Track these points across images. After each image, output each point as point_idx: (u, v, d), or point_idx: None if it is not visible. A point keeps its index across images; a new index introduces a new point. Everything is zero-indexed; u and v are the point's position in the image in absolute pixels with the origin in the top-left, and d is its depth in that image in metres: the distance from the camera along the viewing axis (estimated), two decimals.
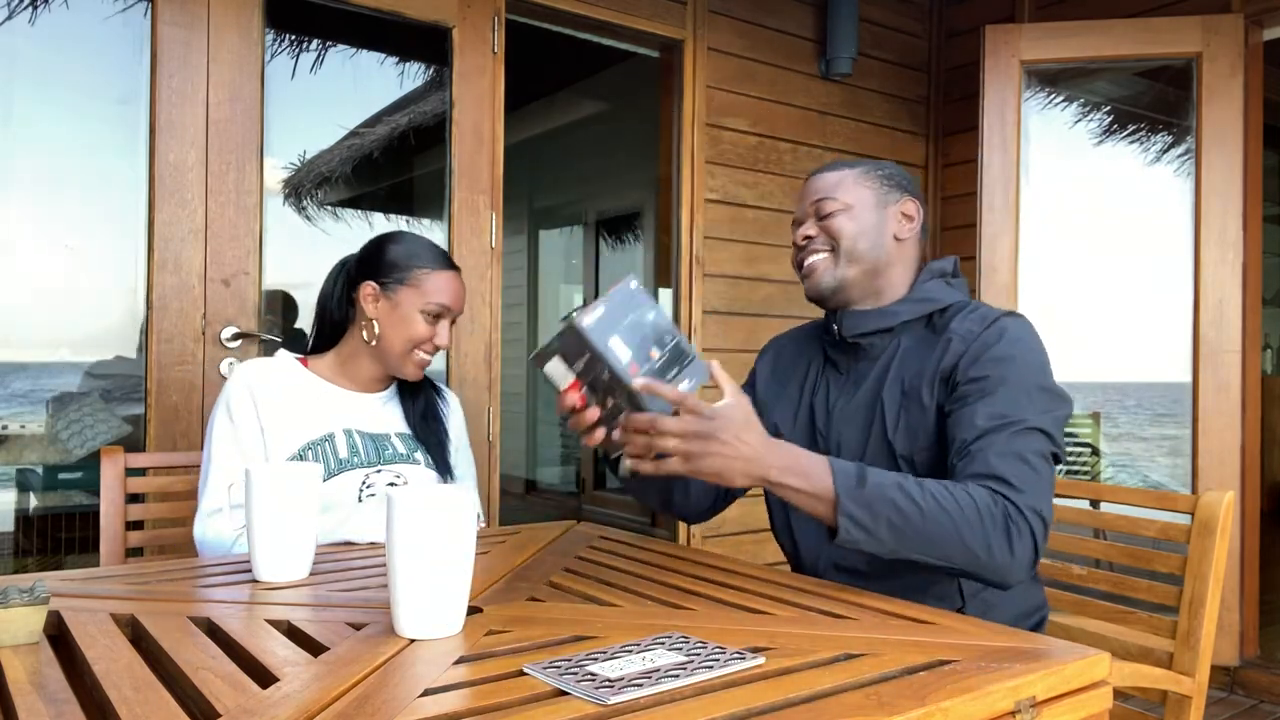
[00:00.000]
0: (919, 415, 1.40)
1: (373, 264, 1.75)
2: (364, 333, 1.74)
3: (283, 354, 1.78)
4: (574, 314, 1.23)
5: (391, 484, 1.70)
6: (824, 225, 1.48)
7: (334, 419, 1.72)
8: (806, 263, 1.50)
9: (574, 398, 1.23)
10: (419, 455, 1.76)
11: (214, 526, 1.61)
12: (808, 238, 1.50)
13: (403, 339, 1.71)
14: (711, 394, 1.19)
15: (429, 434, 1.79)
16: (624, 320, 1.21)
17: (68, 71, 2.75)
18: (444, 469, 1.78)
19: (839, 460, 1.25)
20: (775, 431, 1.59)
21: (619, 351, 1.19)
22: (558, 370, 1.22)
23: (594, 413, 1.23)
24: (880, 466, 1.40)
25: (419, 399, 1.83)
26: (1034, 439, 1.30)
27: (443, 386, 1.92)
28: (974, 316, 1.42)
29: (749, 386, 1.69)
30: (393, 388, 1.83)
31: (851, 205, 1.48)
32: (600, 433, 1.24)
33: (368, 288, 1.73)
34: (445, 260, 1.76)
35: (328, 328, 1.81)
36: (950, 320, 1.44)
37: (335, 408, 1.74)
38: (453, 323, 1.77)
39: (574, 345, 1.19)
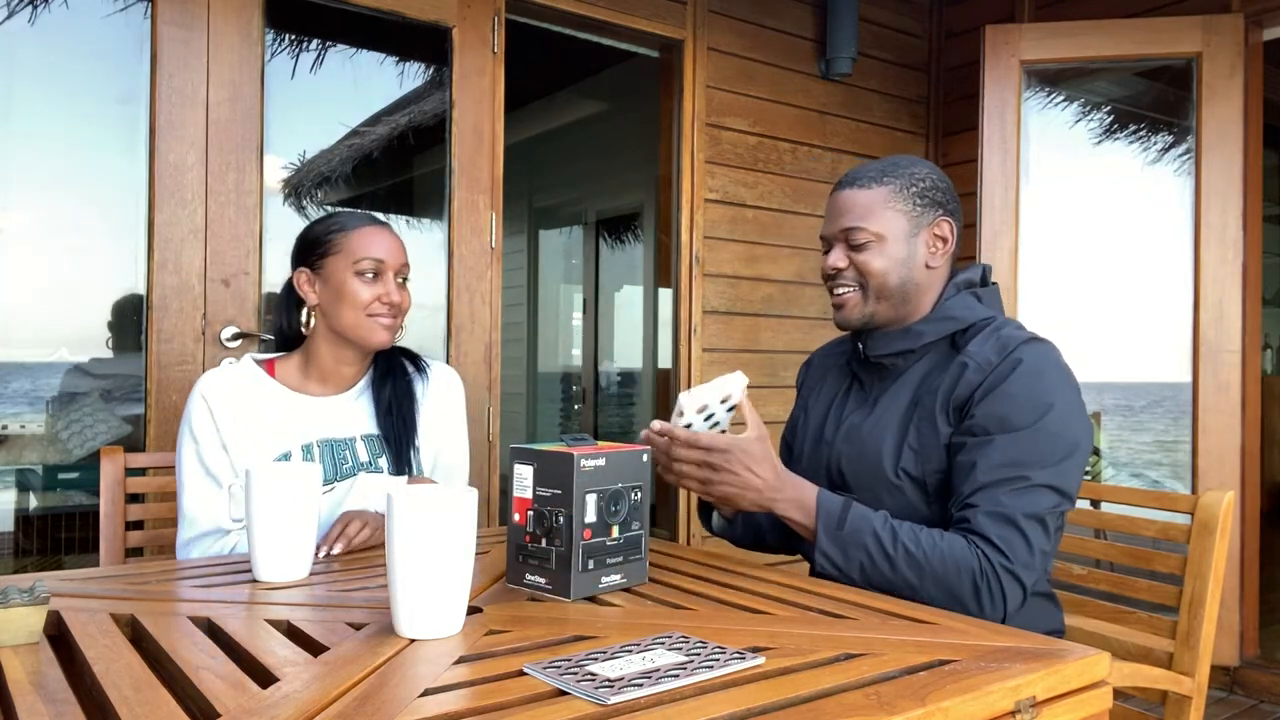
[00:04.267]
0: (932, 438, 1.38)
1: (299, 252, 1.68)
2: (316, 322, 1.66)
3: (247, 360, 1.70)
4: (574, 442, 1.23)
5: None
6: (854, 258, 1.44)
7: (296, 433, 1.64)
8: (837, 295, 1.48)
9: (517, 516, 1.23)
10: (383, 461, 1.68)
11: (197, 552, 1.58)
12: (837, 269, 1.46)
13: (349, 309, 1.62)
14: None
15: (392, 428, 1.70)
16: (613, 485, 1.21)
17: (68, 71, 2.75)
18: (405, 468, 1.69)
19: (828, 496, 1.32)
20: (792, 449, 1.63)
21: (588, 511, 1.19)
22: (525, 477, 1.21)
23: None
24: (880, 486, 1.41)
25: (386, 389, 1.72)
26: (1032, 497, 1.28)
27: (434, 364, 1.82)
28: (994, 342, 1.38)
29: (799, 405, 1.70)
30: (364, 381, 1.73)
31: (884, 237, 1.42)
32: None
33: (300, 276, 1.67)
34: (366, 218, 1.67)
35: (285, 341, 1.75)
36: (970, 341, 1.41)
37: (298, 419, 1.65)
38: (404, 281, 1.69)
39: (555, 472, 1.18)
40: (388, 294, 1.64)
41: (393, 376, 1.74)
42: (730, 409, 1.38)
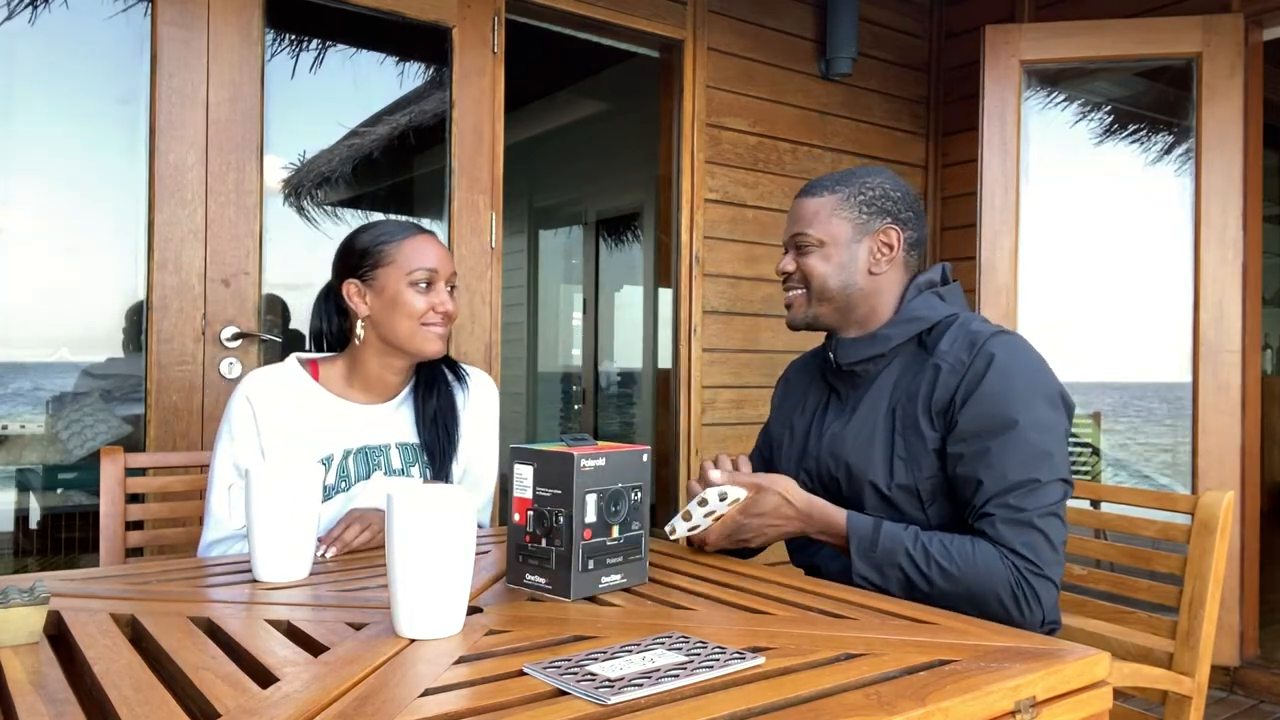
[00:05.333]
0: (919, 445, 1.40)
1: (346, 263, 1.67)
2: (365, 333, 1.65)
3: (292, 361, 1.68)
4: (574, 443, 1.24)
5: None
6: (800, 262, 1.51)
7: (335, 439, 1.64)
8: (787, 296, 1.55)
9: (517, 516, 1.23)
10: (415, 470, 1.67)
11: (218, 553, 1.58)
12: (785, 273, 1.53)
13: (404, 319, 1.61)
14: None
15: (436, 441, 1.69)
16: (613, 485, 1.21)
17: (68, 71, 2.75)
18: (442, 479, 1.69)
19: (858, 518, 1.37)
20: (770, 462, 1.65)
21: (588, 511, 1.19)
22: (525, 477, 1.21)
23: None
24: (872, 495, 1.43)
25: (432, 400, 1.71)
26: (1043, 495, 1.31)
27: (472, 372, 1.80)
28: (962, 339, 1.40)
29: (771, 420, 1.72)
30: (407, 390, 1.72)
31: (825, 243, 1.48)
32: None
33: (350, 287, 1.65)
34: (413, 228, 1.67)
35: (318, 344, 1.75)
36: (939, 340, 1.43)
37: (337, 425, 1.65)
38: (452, 289, 1.67)
39: (555, 472, 1.18)
40: (442, 303, 1.64)
41: (436, 388, 1.73)
42: (725, 501, 1.40)
